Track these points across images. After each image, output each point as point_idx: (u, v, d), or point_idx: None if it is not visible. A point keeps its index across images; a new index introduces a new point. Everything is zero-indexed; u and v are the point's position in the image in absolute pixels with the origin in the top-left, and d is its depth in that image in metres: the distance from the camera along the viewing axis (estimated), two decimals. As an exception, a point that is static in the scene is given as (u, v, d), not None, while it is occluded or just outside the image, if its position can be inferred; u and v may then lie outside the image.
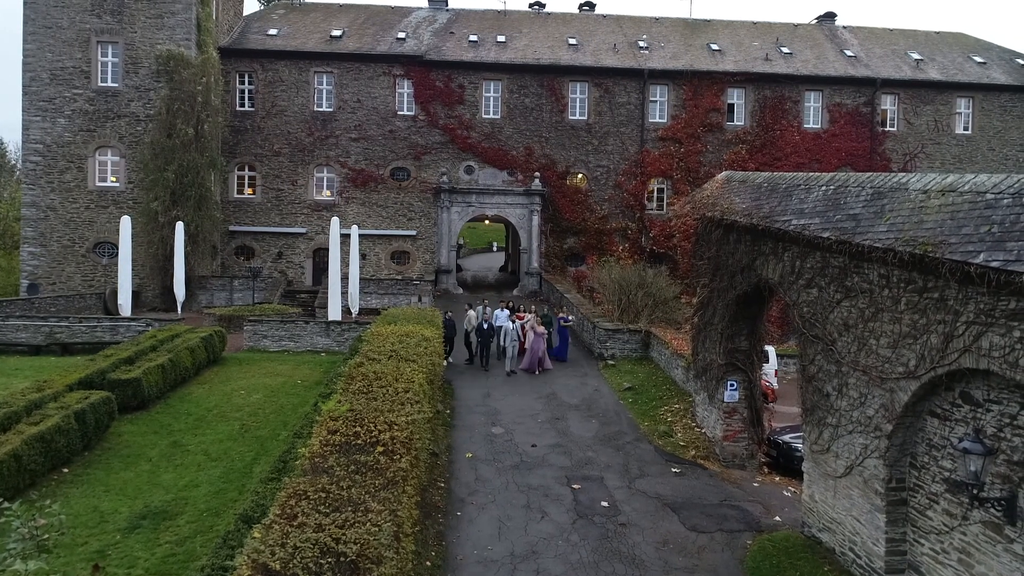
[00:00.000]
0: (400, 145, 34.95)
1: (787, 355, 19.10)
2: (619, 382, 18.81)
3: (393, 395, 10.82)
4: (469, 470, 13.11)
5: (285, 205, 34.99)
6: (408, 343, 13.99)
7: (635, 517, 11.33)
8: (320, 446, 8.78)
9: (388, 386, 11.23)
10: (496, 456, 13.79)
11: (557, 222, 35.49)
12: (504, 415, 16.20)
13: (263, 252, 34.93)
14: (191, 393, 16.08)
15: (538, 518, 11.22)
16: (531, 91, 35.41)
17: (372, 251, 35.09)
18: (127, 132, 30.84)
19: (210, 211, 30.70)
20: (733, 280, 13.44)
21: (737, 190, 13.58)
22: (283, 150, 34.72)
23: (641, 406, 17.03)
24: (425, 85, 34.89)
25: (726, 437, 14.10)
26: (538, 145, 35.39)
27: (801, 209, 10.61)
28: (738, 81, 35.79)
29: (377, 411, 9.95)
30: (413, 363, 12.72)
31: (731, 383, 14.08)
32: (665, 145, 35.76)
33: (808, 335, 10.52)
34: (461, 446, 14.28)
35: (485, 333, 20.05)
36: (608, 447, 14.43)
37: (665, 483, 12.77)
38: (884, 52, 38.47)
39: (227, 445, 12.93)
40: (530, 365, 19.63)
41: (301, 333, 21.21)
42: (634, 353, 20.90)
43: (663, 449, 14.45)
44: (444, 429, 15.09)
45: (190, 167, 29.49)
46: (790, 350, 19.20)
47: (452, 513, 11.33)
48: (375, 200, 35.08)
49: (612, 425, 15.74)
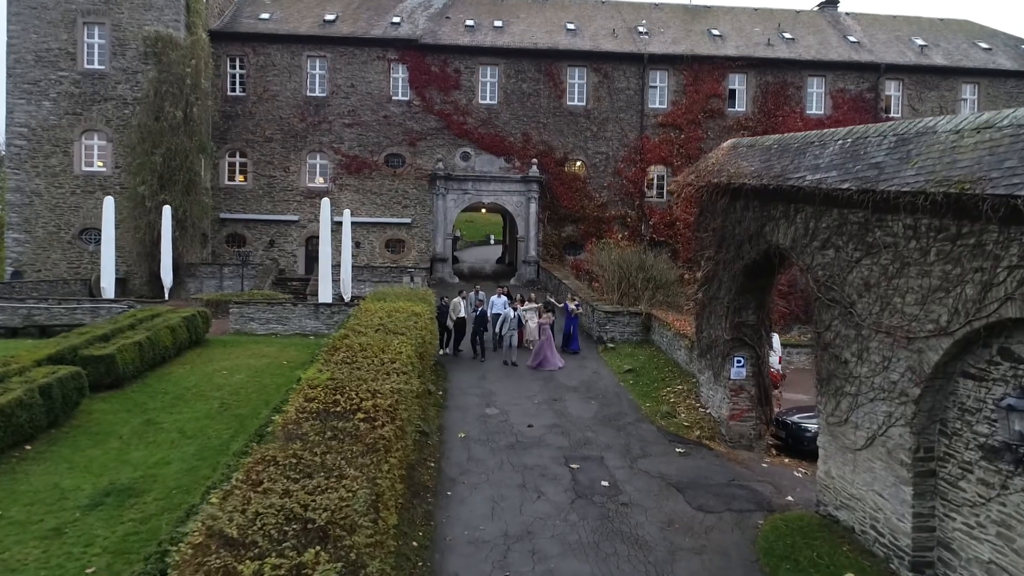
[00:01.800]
0: (395, 131, 34.20)
1: (790, 344, 18.37)
2: (619, 365, 18.08)
3: (379, 366, 10.08)
4: (461, 450, 12.37)
5: (277, 192, 34.23)
6: (397, 318, 13.24)
7: (637, 497, 10.59)
8: (295, 412, 8.04)
9: (374, 357, 10.49)
10: (490, 436, 13.05)
11: (555, 210, 34.75)
12: (499, 396, 15.46)
13: (254, 240, 34.15)
14: (171, 373, 15.31)
15: (534, 498, 10.47)
16: (528, 76, 34.68)
17: (366, 239, 34.33)
18: (114, 115, 30.07)
19: (199, 196, 29.91)
20: (740, 250, 12.71)
21: (745, 154, 12.85)
22: (275, 136, 33.96)
23: (642, 388, 16.29)
24: (420, 70, 34.14)
25: (732, 416, 13.37)
26: (536, 131, 34.66)
27: (816, 164, 9.88)
28: (739, 66, 35.08)
29: (360, 380, 9.20)
30: (402, 336, 11.98)
31: (738, 359, 13.35)
32: (665, 132, 35.05)
33: (824, 300, 9.79)
34: (453, 426, 13.53)
35: (478, 320, 18.62)
36: (608, 428, 13.69)
37: (669, 463, 12.03)
38: (887, 38, 37.78)
39: (204, 423, 12.16)
40: (538, 359, 17.72)
41: (289, 316, 20.45)
42: (634, 336, 20.16)
43: (666, 430, 13.71)
44: (436, 410, 14.34)
45: (178, 151, 28.71)
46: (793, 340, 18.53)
47: (442, 493, 10.58)
48: (369, 187, 34.32)
49: (612, 406, 15.01)
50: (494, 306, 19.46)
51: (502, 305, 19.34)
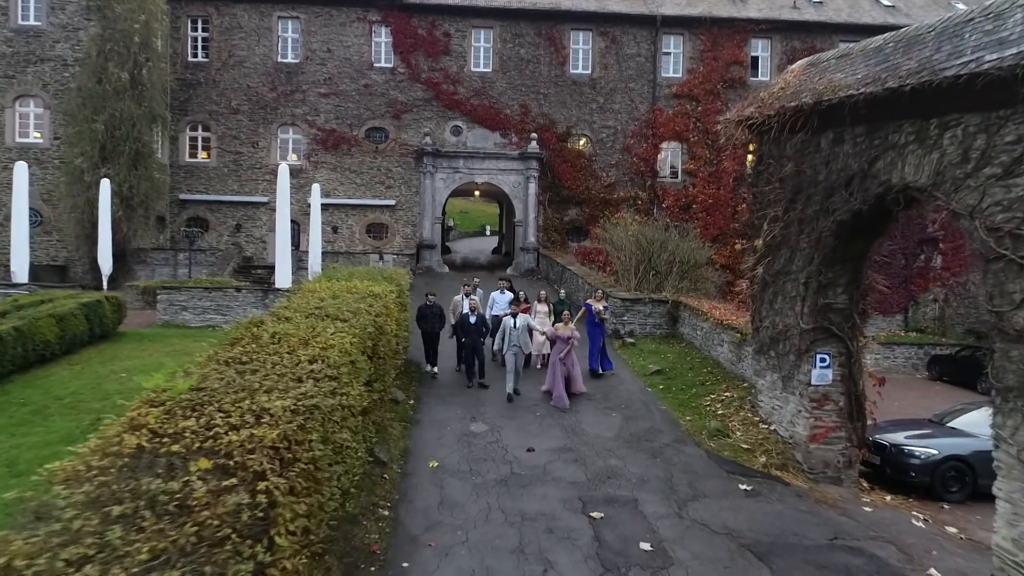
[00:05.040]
0: (377, 102, 30.35)
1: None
2: (643, 364, 14.31)
3: (289, 366, 6.29)
4: (432, 488, 8.58)
5: (244, 171, 30.35)
6: (345, 300, 9.42)
7: (700, 570, 6.82)
8: (96, 455, 4.26)
9: (287, 353, 6.70)
10: (475, 465, 9.26)
11: (557, 191, 30.93)
12: (489, 407, 11.68)
13: (219, 224, 30.30)
14: (49, 375, 11.49)
15: (539, 573, 6.70)
16: (527, 41, 30.84)
17: (344, 223, 30.54)
18: (52, 79, 26.20)
19: (149, 171, 26.00)
20: (829, 202, 8.95)
21: (835, 67, 9.10)
22: (242, 107, 30.08)
23: (677, 395, 12.52)
24: (405, 33, 30.28)
25: (814, 437, 9.60)
26: (535, 103, 30.83)
27: (999, 39, 6.09)
28: (763, 30, 31.29)
29: (244, 392, 5.41)
30: (343, 323, 8.18)
31: (821, 357, 9.59)
32: (680, 103, 31.24)
33: (1015, 259, 6.01)
34: (423, 450, 9.75)
35: (473, 330, 12.72)
36: (639, 452, 9.91)
37: (734, 509, 8.25)
38: (925, 2, 34.02)
39: (53, 451, 8.33)
40: (557, 393, 11.77)
41: (232, 304, 16.68)
42: (658, 329, 16.37)
43: (719, 454, 9.93)
44: (402, 426, 10.55)
45: (124, 118, 24.82)
46: (892, 337, 14.72)
47: (394, 565, 6.80)
48: (348, 165, 30.47)
49: (640, 420, 11.23)
50: (495, 305, 14.39)
51: (505, 304, 14.13)
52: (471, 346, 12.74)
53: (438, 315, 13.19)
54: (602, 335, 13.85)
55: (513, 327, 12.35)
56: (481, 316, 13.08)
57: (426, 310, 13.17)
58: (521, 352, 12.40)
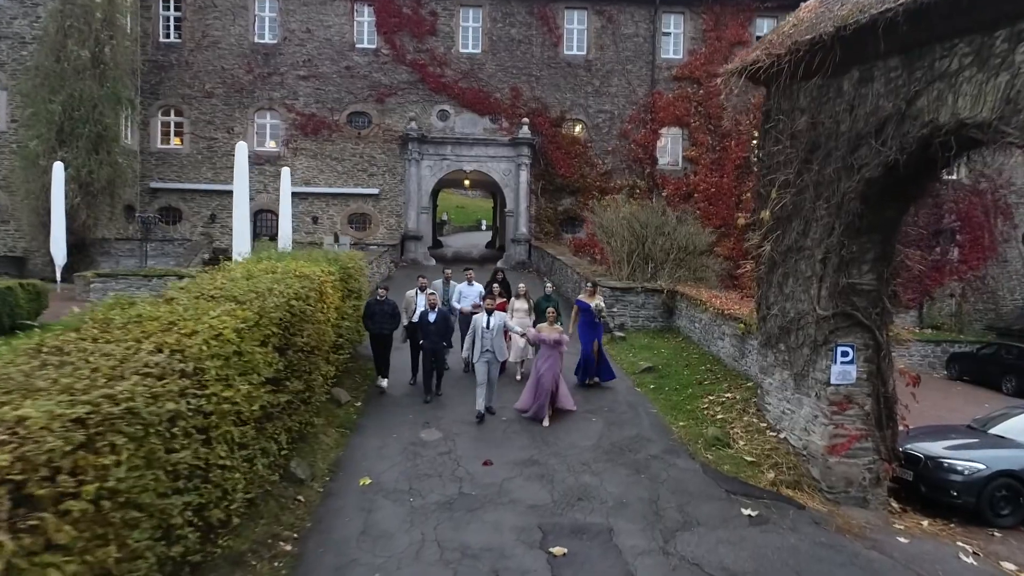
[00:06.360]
0: (359, 85, 28.62)
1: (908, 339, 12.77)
2: (633, 361, 12.56)
3: (119, 359, 4.56)
4: (356, 512, 6.85)
5: (219, 158, 28.60)
6: (260, 280, 7.69)
7: (687, 633, 5.08)
8: None
9: (136, 341, 4.98)
10: (416, 484, 7.53)
11: (550, 179, 29.16)
12: (448, 410, 9.95)
13: (192, 214, 28.64)
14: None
15: (470, 637, 4.96)
16: (518, 20, 29.08)
17: (325, 213, 28.84)
18: (9, 58, 24.57)
19: (112, 156, 24.29)
20: (854, 157, 7.20)
21: (861, -11, 7.29)
22: (216, 90, 28.39)
23: (670, 396, 10.76)
24: (389, 12, 28.54)
25: (834, 448, 7.83)
26: (527, 86, 29.07)
27: None
28: (769, 9, 29.39)
29: (15, 392, 3.70)
30: (239, 305, 6.45)
31: (842, 351, 7.82)
32: (680, 86, 29.43)
33: None
34: (358, 464, 8.02)
35: (434, 331, 10.20)
36: (620, 465, 8.17)
37: (734, 540, 6.51)
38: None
39: None
40: (537, 408, 9.61)
41: (175, 294, 14.92)
42: (652, 322, 14.63)
43: (716, 468, 8.17)
44: (339, 433, 8.83)
45: (84, 99, 23.12)
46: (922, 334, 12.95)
47: (278, 624, 5.07)
48: (328, 152, 28.75)
49: (625, 426, 9.48)
50: (463, 298, 11.96)
51: (475, 297, 11.78)
52: (431, 351, 10.23)
53: (390, 313, 10.61)
54: (598, 337, 11.21)
55: (486, 327, 9.75)
56: (443, 314, 10.46)
57: (375, 307, 10.61)
58: (495, 359, 9.81)
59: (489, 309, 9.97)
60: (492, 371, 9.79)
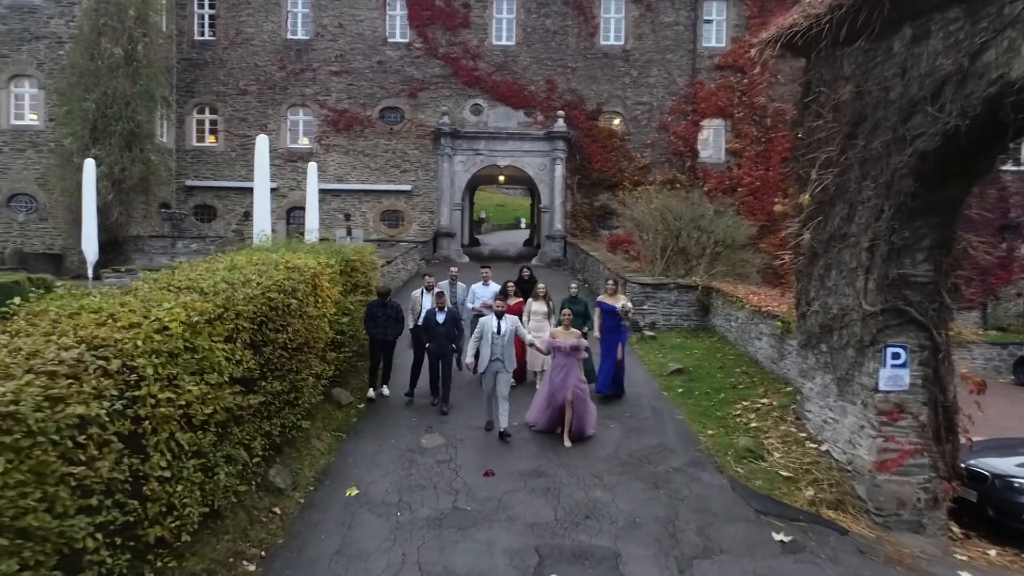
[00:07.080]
0: (391, 80, 28.19)
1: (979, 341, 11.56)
2: (661, 362, 11.62)
3: (27, 355, 3.95)
4: (336, 528, 6.17)
5: (253, 155, 28.33)
6: (242, 272, 7.08)
7: None
8: None
9: (61, 337, 4.37)
10: (407, 496, 6.81)
11: (586, 173, 28.23)
12: (455, 414, 9.21)
13: (227, 212, 28.65)
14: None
15: None
16: (553, 10, 28.23)
17: (357, 210, 28.50)
18: (47, 57, 24.84)
19: (145, 154, 24.33)
20: (906, 127, 6.21)
21: (916, -67, 6.29)
22: (250, 87, 28.32)
23: (699, 401, 9.82)
24: (422, 5, 28.03)
25: (884, 464, 6.82)
26: (562, 78, 28.20)
27: None
28: (818, -8, 27.93)
29: None
30: (202, 296, 5.83)
31: (893, 352, 6.81)
32: (723, 76, 28.16)
33: None
34: (348, 472, 7.35)
35: (442, 334, 9.15)
36: (636, 479, 7.31)
37: (762, 572, 5.60)
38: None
39: None
40: (548, 421, 8.50)
41: (190, 289, 14.57)
42: (686, 320, 13.65)
43: (747, 484, 7.24)
44: (333, 437, 8.19)
45: (117, 96, 23.19)
46: (986, 335, 11.73)
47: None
48: (361, 148, 28.40)
49: (647, 434, 8.60)
50: (475, 298, 10.72)
51: (488, 297, 10.41)
52: (436, 355, 9.19)
53: (394, 317, 9.53)
54: (622, 341, 9.77)
55: (497, 332, 8.42)
56: (452, 313, 9.34)
57: (377, 309, 9.50)
58: (505, 369, 8.43)
59: (500, 311, 8.63)
60: (501, 384, 8.36)
